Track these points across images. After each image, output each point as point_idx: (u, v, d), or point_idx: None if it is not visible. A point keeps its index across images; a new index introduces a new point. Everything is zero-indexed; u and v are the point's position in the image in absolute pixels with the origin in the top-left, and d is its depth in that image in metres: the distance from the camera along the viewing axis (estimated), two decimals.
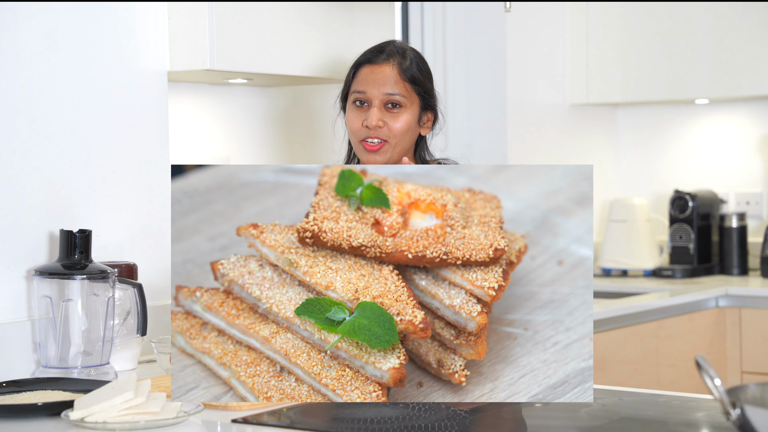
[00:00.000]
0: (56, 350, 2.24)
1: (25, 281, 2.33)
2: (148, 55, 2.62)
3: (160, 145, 2.64)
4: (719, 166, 4.55)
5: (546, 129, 4.38)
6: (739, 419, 1.50)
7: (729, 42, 4.19)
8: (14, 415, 1.91)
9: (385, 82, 2.50)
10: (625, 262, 4.39)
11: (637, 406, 2.00)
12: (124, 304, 2.37)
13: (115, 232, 2.52)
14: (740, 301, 3.90)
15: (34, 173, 2.37)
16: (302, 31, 2.87)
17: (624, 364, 3.52)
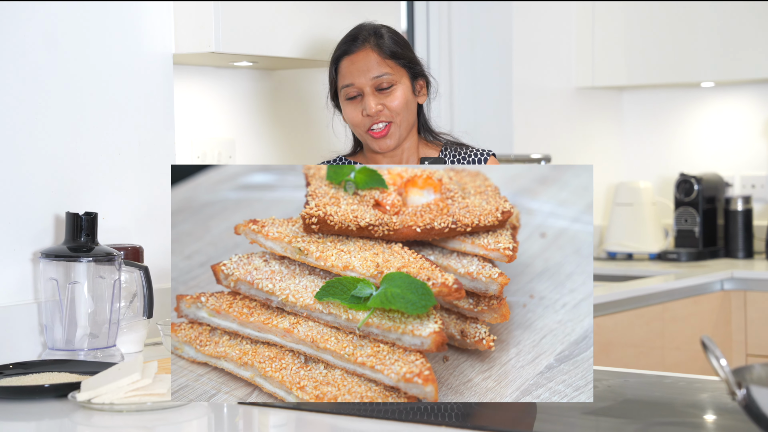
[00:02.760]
0: (63, 332, 2.25)
1: (32, 264, 2.34)
2: (153, 38, 2.62)
3: (165, 128, 2.64)
4: (725, 150, 4.54)
5: (552, 112, 4.38)
6: (744, 399, 1.50)
7: (734, 25, 4.18)
8: (21, 396, 1.92)
9: (368, 68, 2.49)
10: (631, 245, 4.39)
11: (642, 388, 2.00)
12: (130, 287, 2.37)
13: (121, 214, 2.53)
14: (745, 284, 3.90)
15: (39, 156, 2.37)
16: (307, 14, 2.87)
17: (629, 347, 3.53)
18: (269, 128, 3.19)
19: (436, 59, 4.18)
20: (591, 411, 1.79)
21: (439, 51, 4.17)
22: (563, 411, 1.79)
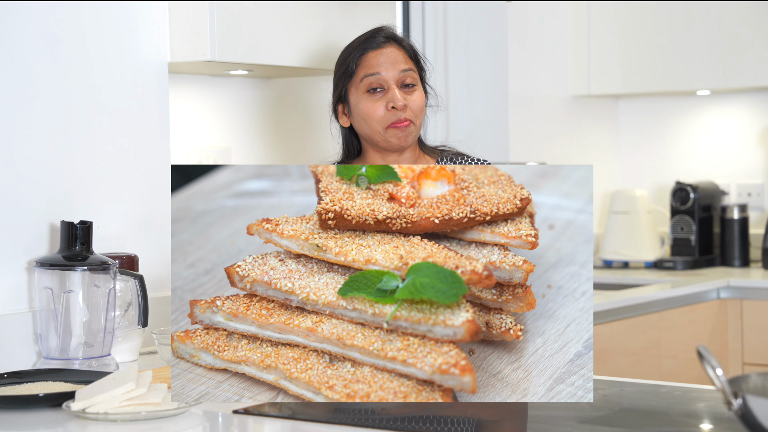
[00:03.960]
0: (57, 341, 2.24)
1: (26, 273, 2.33)
2: (148, 46, 2.62)
3: (160, 136, 2.63)
4: (721, 158, 4.54)
5: (547, 121, 4.38)
6: (740, 409, 1.50)
7: (730, 33, 4.18)
8: (16, 406, 1.91)
9: (396, 60, 2.46)
10: (627, 253, 4.39)
11: (638, 397, 2.00)
12: (125, 296, 2.37)
13: (116, 223, 2.52)
14: (741, 293, 3.90)
15: (34, 165, 2.37)
16: (302, 23, 2.87)
17: (625, 356, 3.52)
18: (265, 137, 3.19)
19: (431, 68, 4.17)
20: (587, 420, 1.79)
21: (435, 60, 4.17)
22: (559, 420, 1.79)
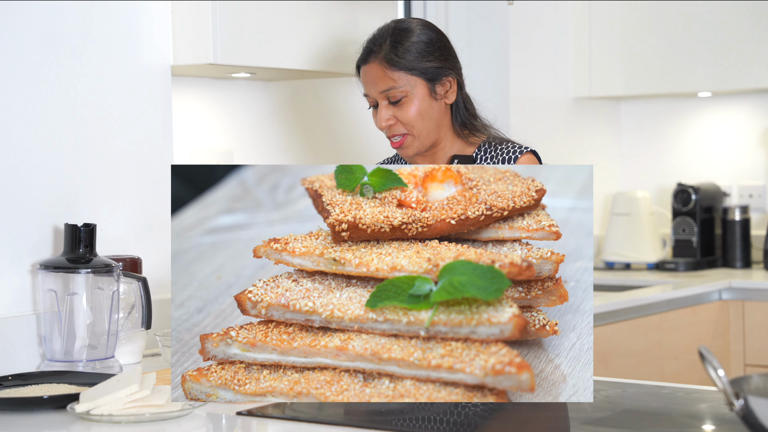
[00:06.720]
0: (61, 344, 2.25)
1: (30, 275, 2.34)
2: (151, 49, 2.62)
3: (163, 139, 2.64)
4: (722, 159, 4.54)
5: (549, 123, 4.38)
6: (742, 410, 1.50)
7: (732, 35, 4.18)
8: (20, 408, 1.92)
9: (375, 80, 2.44)
10: (628, 255, 4.39)
11: (640, 398, 2.00)
12: (129, 298, 2.37)
13: (120, 225, 2.53)
14: (743, 294, 3.91)
15: (38, 168, 2.37)
16: (305, 26, 2.87)
17: (627, 357, 3.53)
18: (268, 139, 3.20)
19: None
20: (589, 421, 1.79)
21: None
22: (559, 420, 1.79)
